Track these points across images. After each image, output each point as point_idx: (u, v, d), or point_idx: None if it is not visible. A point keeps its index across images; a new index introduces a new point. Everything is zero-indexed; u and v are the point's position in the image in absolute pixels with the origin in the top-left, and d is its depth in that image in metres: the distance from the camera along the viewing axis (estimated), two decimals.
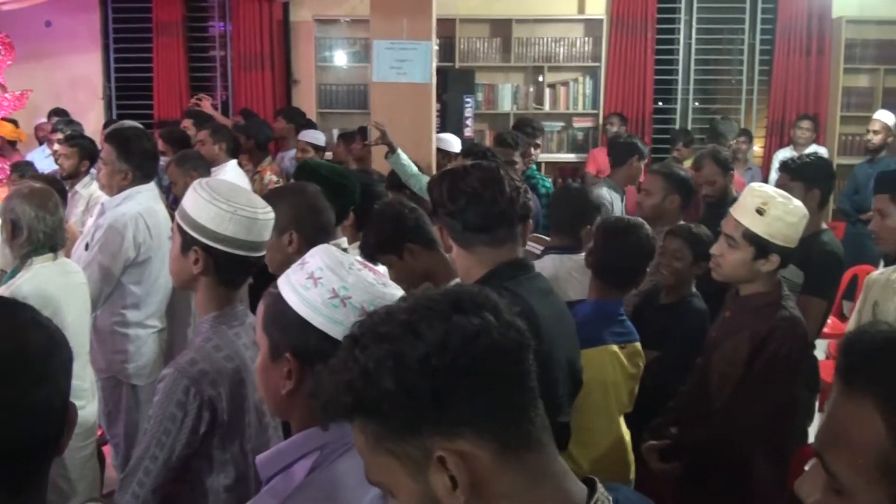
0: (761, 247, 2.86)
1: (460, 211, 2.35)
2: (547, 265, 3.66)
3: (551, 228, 3.89)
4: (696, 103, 9.56)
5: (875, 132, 7.39)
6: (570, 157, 9.16)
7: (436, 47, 6.10)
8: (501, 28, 8.99)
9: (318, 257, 1.62)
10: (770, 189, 3.02)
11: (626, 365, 3.15)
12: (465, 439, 1.10)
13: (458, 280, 2.57)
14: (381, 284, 1.61)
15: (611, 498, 1.19)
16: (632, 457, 3.23)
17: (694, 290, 3.71)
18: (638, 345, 3.20)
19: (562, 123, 9.19)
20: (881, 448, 0.97)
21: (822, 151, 8.21)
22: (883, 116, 7.60)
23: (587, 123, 9.21)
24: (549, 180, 6.42)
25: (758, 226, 2.85)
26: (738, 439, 2.86)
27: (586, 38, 9.05)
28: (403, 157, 4.79)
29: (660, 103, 9.46)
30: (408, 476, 1.13)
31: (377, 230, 3.09)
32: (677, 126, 9.17)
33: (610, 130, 8.37)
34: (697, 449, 3.00)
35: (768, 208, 2.84)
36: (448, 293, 1.17)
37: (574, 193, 3.94)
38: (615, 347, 3.11)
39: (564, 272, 3.65)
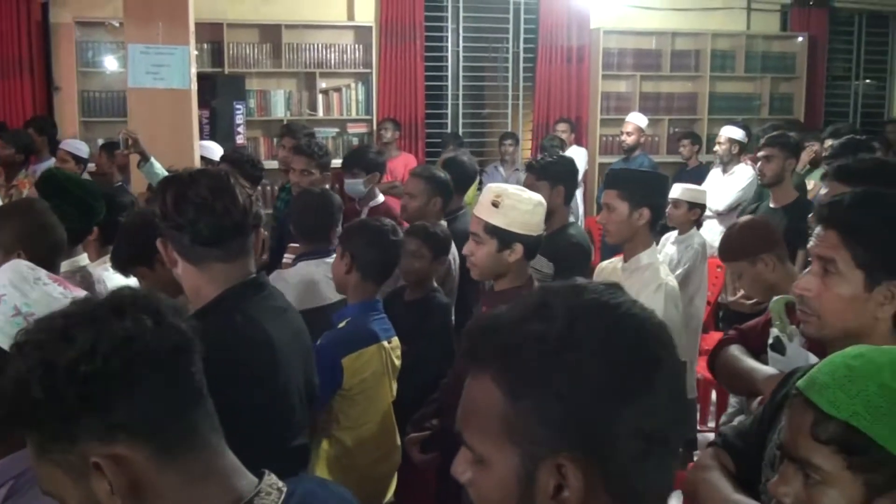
0: (503, 238, 2.99)
1: (190, 223, 2.12)
2: (302, 272, 3.68)
3: (299, 235, 3.87)
4: (479, 110, 9.86)
5: (628, 133, 7.88)
6: None
7: (195, 52, 5.97)
8: (271, 33, 8.85)
9: (2, 274, 1.55)
10: (504, 184, 3.20)
11: (393, 358, 3.27)
12: (121, 443, 1.10)
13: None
14: (68, 298, 1.54)
15: (284, 489, 1.23)
16: (399, 442, 3.35)
17: (435, 285, 3.83)
18: (396, 339, 3.31)
19: (336, 129, 9.17)
20: (501, 413, 1.05)
21: (581, 152, 8.68)
22: (635, 119, 8.10)
23: (361, 129, 9.22)
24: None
25: (496, 218, 2.99)
26: None
27: (357, 45, 9.08)
28: (157, 165, 4.66)
29: (448, 109, 9.64)
30: (72, 484, 1.13)
31: (127, 242, 3.02)
32: (449, 130, 9.39)
33: (384, 136, 8.46)
34: (455, 436, 3.09)
35: (502, 200, 2.99)
36: (113, 297, 1.17)
37: (317, 197, 3.94)
38: (385, 343, 3.22)
39: (321, 276, 3.67)
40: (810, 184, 6.47)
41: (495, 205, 2.99)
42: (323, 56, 8.99)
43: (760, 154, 5.08)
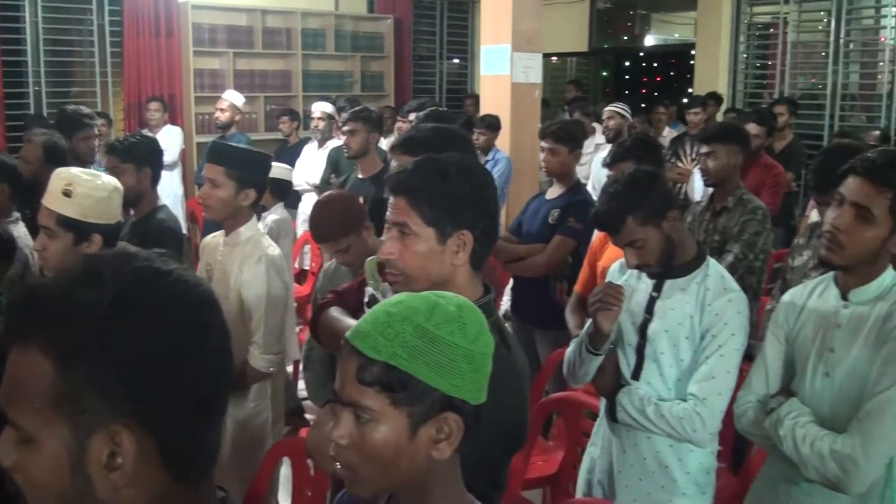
0: (79, 230, 2.83)
1: None
2: None
3: None
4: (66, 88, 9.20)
5: (222, 110, 7.83)
6: None
7: None
8: None
9: None
10: (75, 169, 3.01)
11: None
12: None
13: None
14: None
15: None
16: None
17: None
18: None
19: None
20: (50, 385, 1.03)
21: (176, 131, 8.51)
22: (230, 96, 8.08)
23: None
24: None
25: (69, 208, 2.82)
26: None
27: None
28: None
29: (30, 87, 8.88)
30: None
31: None
32: (32, 111, 8.67)
33: None
34: None
35: (74, 188, 2.81)
36: None
37: None
38: None
39: None
40: None
41: (67, 194, 2.79)
42: None
43: (345, 129, 5.31)
